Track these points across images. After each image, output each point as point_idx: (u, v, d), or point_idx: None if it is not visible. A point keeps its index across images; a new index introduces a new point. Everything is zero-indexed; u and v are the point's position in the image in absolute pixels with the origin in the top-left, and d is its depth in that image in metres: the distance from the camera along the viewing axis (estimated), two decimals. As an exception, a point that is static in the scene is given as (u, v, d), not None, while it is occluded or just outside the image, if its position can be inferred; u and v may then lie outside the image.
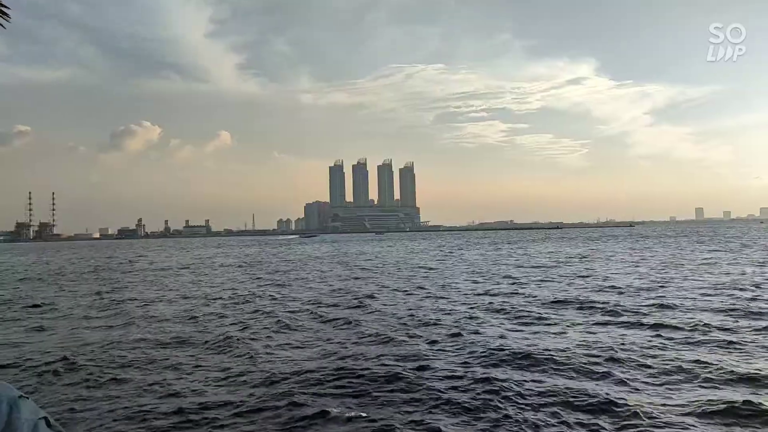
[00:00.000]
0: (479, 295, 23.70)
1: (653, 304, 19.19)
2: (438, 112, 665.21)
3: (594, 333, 14.75)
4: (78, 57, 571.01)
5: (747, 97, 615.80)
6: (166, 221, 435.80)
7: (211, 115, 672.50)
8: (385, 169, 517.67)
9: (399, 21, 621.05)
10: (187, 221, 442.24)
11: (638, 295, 22.09)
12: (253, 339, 15.09)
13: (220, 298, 25.18)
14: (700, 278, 27.74)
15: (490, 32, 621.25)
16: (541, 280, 29.25)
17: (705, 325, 15.08)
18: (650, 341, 13.52)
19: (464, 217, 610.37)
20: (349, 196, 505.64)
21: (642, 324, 15.71)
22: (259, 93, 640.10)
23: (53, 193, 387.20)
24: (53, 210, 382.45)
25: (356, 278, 33.93)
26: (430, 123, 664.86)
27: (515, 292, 24.29)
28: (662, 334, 14.23)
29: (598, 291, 23.74)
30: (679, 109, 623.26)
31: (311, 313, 19.66)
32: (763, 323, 15.22)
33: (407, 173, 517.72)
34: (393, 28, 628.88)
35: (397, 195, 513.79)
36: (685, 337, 13.78)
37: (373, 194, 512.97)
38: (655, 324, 15.53)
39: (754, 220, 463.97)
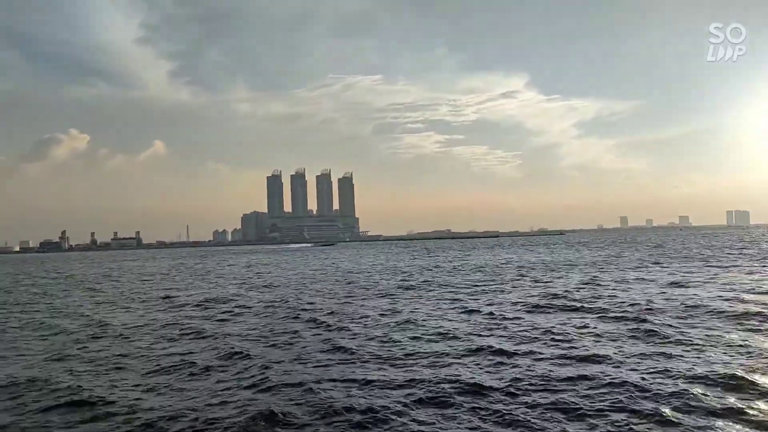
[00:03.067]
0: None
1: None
2: (376, 123, 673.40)
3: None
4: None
5: (667, 111, 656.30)
6: (93, 233, 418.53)
7: (142, 124, 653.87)
8: (323, 180, 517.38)
9: (338, 32, 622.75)
10: (115, 233, 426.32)
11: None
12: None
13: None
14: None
15: (427, 45, 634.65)
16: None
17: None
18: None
19: (403, 226, 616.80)
20: (287, 207, 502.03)
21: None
22: (193, 101, 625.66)
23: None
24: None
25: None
26: (368, 134, 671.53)
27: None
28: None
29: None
30: (605, 122, 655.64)
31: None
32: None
33: (346, 183, 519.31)
34: (332, 39, 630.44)
35: (336, 205, 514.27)
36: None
37: (312, 205, 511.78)
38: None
39: (673, 228, 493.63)
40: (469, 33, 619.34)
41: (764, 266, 38.16)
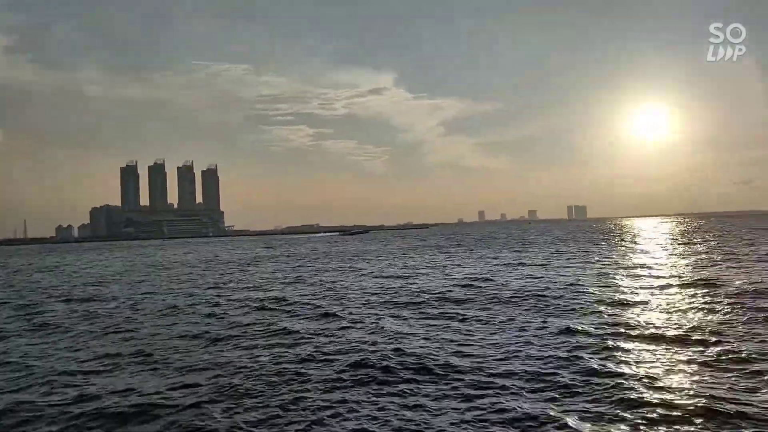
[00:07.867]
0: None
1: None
2: (244, 113, 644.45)
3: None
4: None
5: (522, 112, 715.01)
6: None
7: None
8: (185, 171, 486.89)
9: (205, 17, 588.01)
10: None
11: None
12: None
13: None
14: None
15: (297, 37, 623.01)
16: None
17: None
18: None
19: (271, 221, 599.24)
20: (144, 200, 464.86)
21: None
22: (33, 81, 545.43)
23: None
24: None
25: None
26: (235, 125, 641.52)
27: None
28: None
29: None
30: (467, 121, 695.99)
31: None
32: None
33: (210, 176, 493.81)
34: (198, 23, 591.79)
35: (199, 198, 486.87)
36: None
37: (173, 198, 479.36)
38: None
39: (523, 221, 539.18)
40: (338, 26, 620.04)
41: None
